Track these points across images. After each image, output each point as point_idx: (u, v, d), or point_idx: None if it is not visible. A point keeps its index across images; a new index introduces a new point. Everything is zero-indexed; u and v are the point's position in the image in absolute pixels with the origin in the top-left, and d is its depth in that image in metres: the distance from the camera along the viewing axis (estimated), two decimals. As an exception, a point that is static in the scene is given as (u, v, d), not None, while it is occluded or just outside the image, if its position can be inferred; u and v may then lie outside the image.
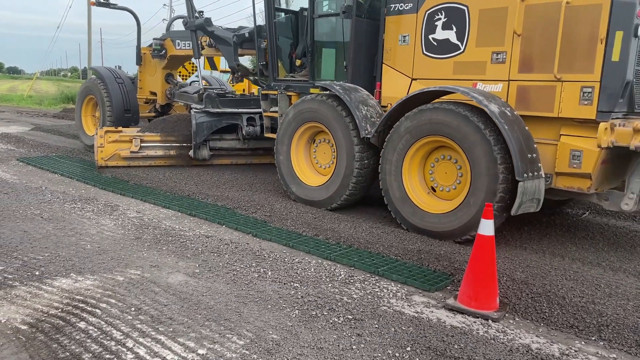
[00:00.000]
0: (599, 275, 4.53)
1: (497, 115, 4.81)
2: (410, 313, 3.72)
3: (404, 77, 6.11)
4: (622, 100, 4.82)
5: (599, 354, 3.31)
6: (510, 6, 5.19)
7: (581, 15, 4.82)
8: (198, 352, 3.04)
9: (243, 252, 4.85)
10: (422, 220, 5.44)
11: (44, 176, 7.98)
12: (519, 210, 4.81)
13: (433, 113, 5.31)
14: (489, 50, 5.40)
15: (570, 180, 5.04)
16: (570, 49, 4.90)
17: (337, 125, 6.21)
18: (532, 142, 4.95)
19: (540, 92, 5.09)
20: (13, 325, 3.30)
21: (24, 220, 5.51)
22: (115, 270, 4.26)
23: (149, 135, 8.65)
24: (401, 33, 6.09)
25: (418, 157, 5.61)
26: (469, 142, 5.03)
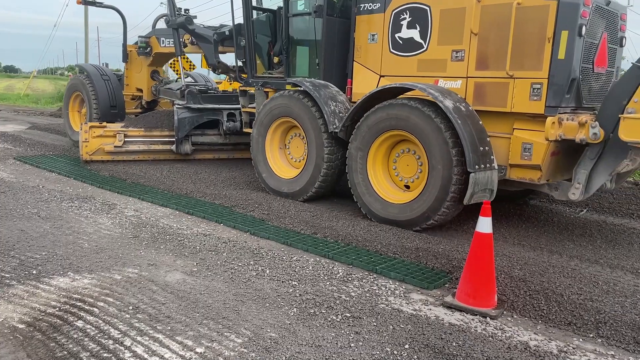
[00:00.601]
0: (596, 272, 4.54)
1: (451, 111, 5.09)
2: (408, 311, 3.72)
3: (373, 74, 6.35)
4: (568, 95, 5.06)
5: (596, 350, 3.31)
6: (468, 7, 5.46)
7: (530, 16, 5.09)
8: (196, 351, 3.04)
9: (241, 250, 4.84)
10: (386, 210, 5.71)
11: (41, 175, 7.95)
12: (471, 200, 5.09)
13: (393, 109, 5.59)
14: (449, 49, 5.67)
15: (523, 171, 5.31)
16: (521, 48, 5.16)
17: (307, 120, 6.47)
18: (485, 135, 5.23)
19: (494, 89, 5.36)
20: (10, 324, 3.29)
21: (21, 219, 5.50)
22: (113, 269, 4.25)
23: (132, 131, 8.84)
24: (370, 32, 6.32)
25: (382, 150, 5.88)
26: (426, 135, 5.31)
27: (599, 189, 5.56)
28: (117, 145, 8.66)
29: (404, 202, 5.60)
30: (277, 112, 6.88)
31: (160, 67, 11.06)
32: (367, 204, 5.89)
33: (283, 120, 6.89)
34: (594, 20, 5.21)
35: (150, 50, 10.43)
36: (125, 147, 8.74)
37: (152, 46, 10.38)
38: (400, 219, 5.57)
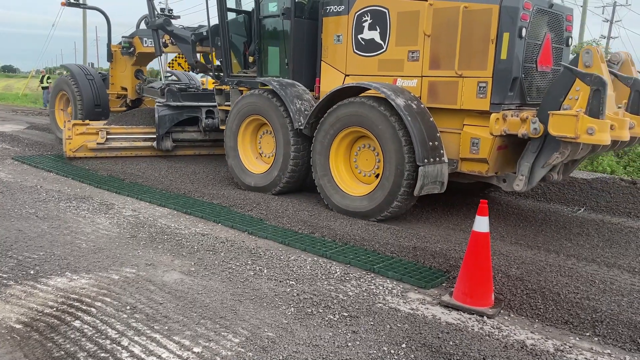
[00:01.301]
0: (593, 271, 4.55)
1: (402, 108, 5.43)
2: (405, 310, 3.73)
3: (338, 73, 6.64)
4: (512, 93, 5.39)
5: (593, 349, 3.32)
6: (421, 9, 5.77)
7: (476, 19, 5.41)
8: (193, 350, 3.04)
9: (239, 250, 4.85)
10: (345, 201, 6.06)
11: (39, 175, 7.95)
12: (421, 192, 5.44)
13: (351, 107, 5.93)
14: (405, 49, 5.98)
15: (472, 164, 5.65)
16: (468, 49, 5.49)
17: (275, 118, 6.75)
18: (435, 131, 5.56)
19: (445, 87, 5.69)
20: (7, 324, 3.29)
21: (18, 219, 5.50)
22: (111, 269, 4.25)
23: (114, 128, 9.17)
24: (336, 33, 6.62)
25: (343, 146, 6.22)
26: (380, 132, 5.65)
27: (548, 181, 5.97)
28: (100, 143, 8.94)
29: (363, 195, 5.93)
30: (247, 110, 7.15)
31: (143, 66, 11.42)
32: (330, 196, 6.21)
33: (253, 118, 7.15)
34: (536, 22, 5.50)
35: (134, 50, 10.74)
36: (107, 144, 9.02)
37: (135, 46, 10.69)
38: (359, 211, 5.89)
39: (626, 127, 4.88)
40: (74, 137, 8.79)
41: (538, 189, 7.71)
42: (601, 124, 4.65)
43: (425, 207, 6.71)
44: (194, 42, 9.04)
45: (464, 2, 5.44)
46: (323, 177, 6.27)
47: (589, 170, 9.28)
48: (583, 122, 4.67)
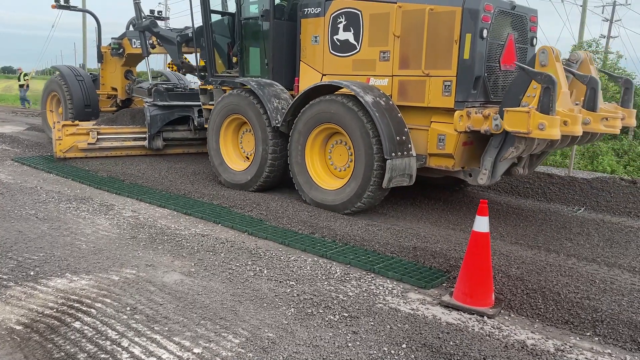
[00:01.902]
0: (594, 271, 4.55)
1: (370, 105, 5.70)
2: (405, 310, 3.73)
3: (316, 72, 6.87)
4: (475, 91, 5.63)
5: (593, 349, 3.32)
6: (391, 12, 6.01)
7: (441, 20, 5.66)
8: (194, 351, 3.04)
9: (239, 250, 4.85)
10: (321, 195, 6.32)
11: (39, 176, 7.95)
12: (390, 184, 5.70)
13: (324, 104, 6.19)
14: (377, 50, 6.22)
15: (439, 159, 5.90)
16: (434, 49, 5.73)
17: (253, 116, 6.97)
18: (403, 127, 5.82)
19: (414, 86, 5.94)
20: (8, 325, 3.29)
21: (18, 220, 5.50)
22: (111, 270, 4.25)
23: (104, 128, 9.31)
24: (313, 34, 6.85)
25: (318, 142, 6.47)
26: (351, 127, 5.92)
27: (515, 175, 6.34)
28: (91, 143, 9.06)
29: (336, 189, 6.20)
30: (228, 110, 7.36)
31: (133, 67, 11.60)
32: (306, 191, 6.46)
33: (234, 117, 7.35)
34: (498, 23, 5.74)
35: (123, 51, 10.98)
36: (98, 144, 9.16)
37: (124, 47, 10.93)
38: (333, 204, 6.15)
39: (578, 122, 5.09)
40: (64, 138, 8.89)
41: (538, 188, 7.71)
42: (551, 119, 4.87)
43: (425, 207, 6.71)
44: (179, 43, 9.27)
45: (429, 4, 5.70)
46: (299, 172, 6.53)
47: (589, 170, 9.28)
48: (534, 118, 4.90)
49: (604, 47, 23.74)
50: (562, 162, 9.41)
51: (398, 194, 7.37)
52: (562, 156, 9.64)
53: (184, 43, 9.25)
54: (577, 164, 9.37)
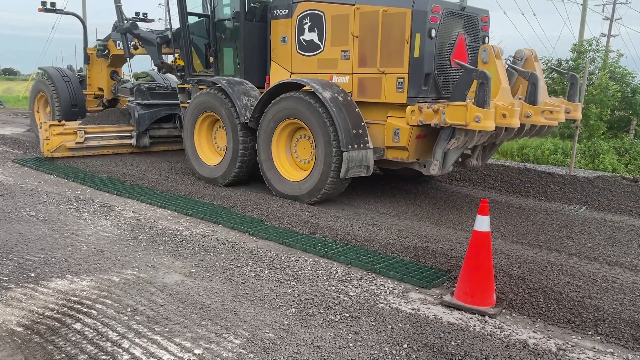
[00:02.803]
0: (595, 269, 4.54)
1: (328, 100, 6.07)
2: (407, 310, 3.72)
3: (285, 71, 7.21)
4: (426, 87, 6.03)
5: (595, 348, 3.31)
6: (350, 13, 6.37)
7: (393, 21, 6.01)
8: (194, 352, 3.04)
9: (239, 251, 4.84)
10: (287, 187, 6.68)
11: (40, 177, 7.95)
12: (347, 175, 6.09)
13: (287, 101, 6.54)
14: (339, 49, 6.59)
15: (395, 152, 6.29)
16: (388, 48, 6.09)
17: (224, 113, 7.29)
18: (360, 121, 6.21)
19: (371, 83, 6.31)
20: (8, 327, 3.29)
21: (19, 222, 5.49)
22: (111, 271, 4.25)
23: (91, 127, 9.55)
24: (282, 35, 7.20)
25: (283, 136, 6.82)
26: (312, 122, 6.27)
27: (468, 166, 6.76)
28: (79, 142, 9.30)
29: (300, 180, 6.56)
30: (201, 107, 7.70)
31: (118, 67, 11.86)
32: (273, 182, 6.82)
33: (207, 114, 7.71)
34: (447, 24, 6.12)
35: (108, 52, 11.30)
36: (86, 143, 9.40)
37: (109, 49, 11.25)
38: (297, 194, 6.53)
39: (516, 115, 5.46)
40: (51, 138, 9.06)
41: (539, 187, 7.69)
42: (486, 112, 5.26)
43: (426, 207, 6.70)
44: (159, 44, 9.53)
45: (383, 6, 6.06)
46: (267, 165, 6.88)
47: (590, 168, 9.26)
48: (471, 112, 5.29)
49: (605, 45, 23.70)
50: (563, 161, 9.39)
51: (398, 193, 7.36)
52: (563, 155, 9.61)
53: (164, 44, 9.51)
54: (578, 163, 9.35)
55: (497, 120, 5.43)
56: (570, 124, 11.17)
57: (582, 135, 10.89)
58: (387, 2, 6.07)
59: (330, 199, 6.55)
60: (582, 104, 6.53)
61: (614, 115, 12.67)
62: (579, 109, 6.52)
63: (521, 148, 10.22)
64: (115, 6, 10.14)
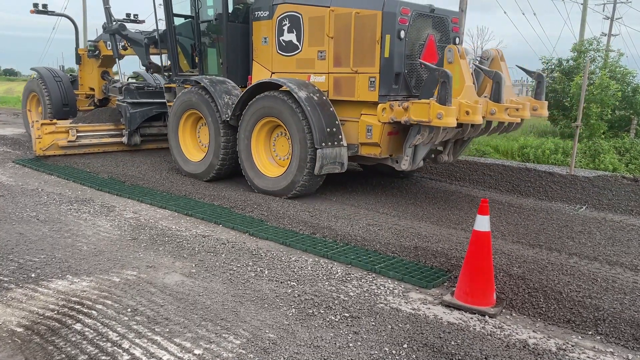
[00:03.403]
0: (595, 269, 4.54)
1: (303, 100, 6.31)
2: (407, 310, 3.72)
3: (266, 71, 7.46)
4: (396, 86, 6.30)
5: (595, 348, 3.31)
6: (326, 15, 6.61)
7: (365, 23, 6.26)
8: (194, 353, 3.04)
9: (240, 251, 4.84)
10: (265, 182, 6.92)
11: (40, 178, 7.96)
12: (322, 171, 6.34)
13: (265, 100, 6.77)
14: (315, 50, 6.82)
15: (368, 148, 6.54)
16: (360, 48, 6.34)
17: (207, 111, 7.54)
18: (334, 120, 6.46)
19: (345, 82, 6.57)
20: (8, 327, 3.29)
21: (19, 223, 5.50)
22: (112, 272, 4.25)
23: (83, 126, 9.75)
24: (263, 35, 7.44)
25: (262, 134, 7.07)
26: (289, 120, 6.51)
27: (440, 162, 7.06)
28: (71, 140, 9.45)
29: (278, 176, 6.79)
30: (185, 106, 7.95)
31: (109, 67, 12.02)
32: (252, 178, 7.06)
33: (191, 112, 7.94)
34: (417, 25, 6.37)
35: (99, 53, 11.54)
36: (78, 142, 9.56)
37: (100, 49, 11.49)
38: (275, 189, 6.77)
39: (478, 112, 5.69)
40: (43, 137, 9.19)
41: (539, 187, 7.69)
42: (447, 109, 5.54)
43: (426, 206, 6.70)
44: (147, 45, 9.78)
45: (356, 8, 6.31)
46: (247, 162, 7.11)
47: (591, 168, 9.25)
48: (434, 109, 5.59)
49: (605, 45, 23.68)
50: (563, 161, 9.38)
51: (399, 193, 7.36)
52: (563, 154, 9.60)
53: (151, 45, 9.72)
54: (579, 163, 9.34)
55: (461, 117, 5.71)
56: (571, 123, 11.17)
57: (582, 135, 10.87)
58: (359, 5, 6.32)
59: (306, 194, 6.77)
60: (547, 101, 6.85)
61: (615, 115, 12.65)
62: (545, 107, 6.70)
63: (522, 148, 10.21)
64: (104, 8, 10.42)
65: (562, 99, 13.08)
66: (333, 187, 7.57)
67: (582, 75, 8.54)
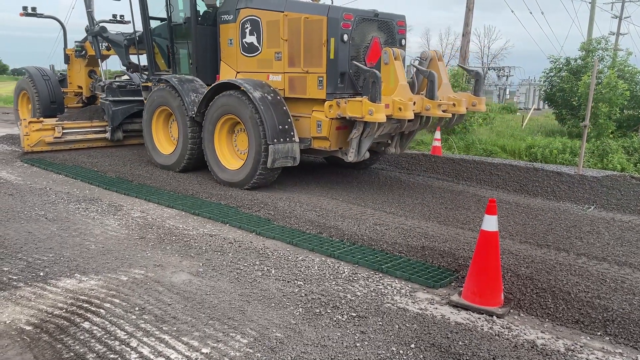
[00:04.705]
0: (604, 269, 4.51)
1: (257, 99, 6.85)
2: (414, 310, 3.71)
3: (232, 70, 7.93)
4: (342, 85, 6.80)
5: (604, 349, 3.29)
6: (280, 19, 7.11)
7: (313, 27, 6.75)
8: (202, 351, 3.05)
9: (247, 250, 4.85)
10: (227, 174, 7.42)
11: (48, 177, 8.00)
12: (274, 165, 6.82)
13: (225, 99, 7.32)
14: (272, 51, 7.31)
15: (319, 142, 7.07)
16: (310, 50, 6.83)
17: (176, 108, 8.14)
18: (286, 117, 6.97)
19: (298, 81, 7.05)
20: (18, 326, 3.31)
21: (28, 221, 5.53)
22: (119, 270, 4.27)
23: (68, 123, 10.25)
24: (229, 37, 7.91)
25: (224, 130, 7.57)
26: (246, 118, 7.03)
27: (387, 153, 7.78)
28: (57, 137, 9.96)
29: (237, 169, 7.32)
30: (157, 103, 8.55)
31: (96, 67, 12.38)
32: (215, 170, 7.57)
33: (162, 109, 8.53)
34: (361, 29, 6.86)
35: (85, 53, 12.05)
36: (64, 138, 10.08)
37: (86, 49, 11.98)
38: (235, 181, 7.28)
39: (409, 109, 6.24)
40: (31, 134, 9.69)
41: (547, 187, 7.65)
42: (377, 106, 6.09)
43: (434, 206, 6.68)
44: (126, 46, 10.36)
45: (306, 13, 6.84)
46: (210, 155, 7.62)
47: (599, 168, 9.20)
48: (365, 106, 6.15)
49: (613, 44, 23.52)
50: (571, 160, 9.33)
51: (406, 193, 7.35)
52: (571, 154, 9.55)
53: (130, 46, 10.29)
54: (587, 162, 9.29)
55: (395, 113, 6.31)
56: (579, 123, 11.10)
57: (590, 135, 10.81)
58: (308, 10, 6.89)
59: (262, 186, 7.23)
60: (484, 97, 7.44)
61: (623, 114, 12.57)
62: (483, 103, 7.27)
63: (529, 147, 10.17)
64: (86, 12, 11.08)
65: (569, 98, 13.01)
66: (339, 187, 7.57)
67: (591, 74, 8.48)
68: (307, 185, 7.64)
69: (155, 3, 8.94)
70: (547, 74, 14.61)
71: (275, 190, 7.23)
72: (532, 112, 21.64)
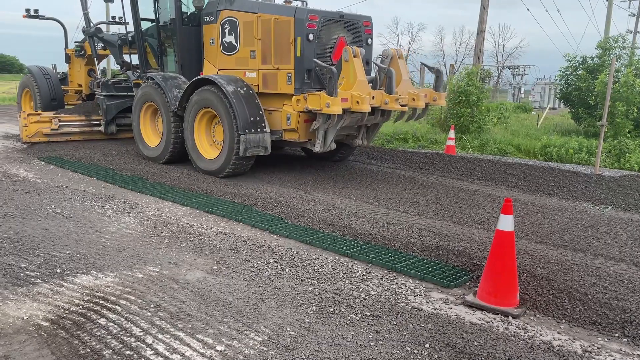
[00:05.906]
0: (622, 270, 4.44)
1: (230, 93, 7.46)
2: (428, 310, 3.69)
3: (214, 68, 8.50)
4: (309, 81, 7.35)
5: (622, 350, 3.24)
6: (254, 20, 7.68)
7: (282, 27, 7.34)
8: (216, 349, 3.06)
9: (260, 249, 4.86)
10: (205, 164, 8.07)
11: (65, 175, 8.09)
12: (246, 153, 7.42)
13: (202, 94, 7.95)
14: (248, 50, 7.90)
15: (289, 134, 7.65)
16: (280, 49, 7.41)
17: (160, 103, 8.74)
18: (258, 110, 7.57)
19: (270, 77, 7.66)
20: (35, 322, 3.35)
21: (45, 219, 5.60)
22: (135, 268, 4.30)
23: (64, 116, 11.00)
24: (211, 37, 8.47)
25: (203, 122, 8.21)
26: (220, 111, 7.64)
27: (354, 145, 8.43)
28: (54, 129, 10.71)
29: (214, 158, 7.95)
30: (144, 98, 9.15)
31: (94, 66, 12.88)
32: (195, 160, 8.22)
33: (149, 104, 9.13)
34: (326, 29, 7.39)
35: (85, 52, 12.69)
36: (60, 130, 10.83)
37: (85, 49, 12.60)
38: (212, 170, 7.92)
39: (366, 102, 6.69)
40: (29, 125, 10.42)
41: (563, 186, 7.57)
42: (333, 100, 6.61)
43: (448, 205, 6.64)
44: (120, 46, 11.00)
45: (276, 15, 7.37)
46: (190, 146, 8.25)
47: (616, 167, 9.07)
48: (323, 99, 6.67)
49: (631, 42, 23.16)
50: (587, 160, 9.21)
51: (419, 192, 7.31)
52: (588, 154, 9.43)
53: (124, 45, 10.86)
54: (604, 162, 9.16)
55: (353, 106, 6.76)
56: (596, 122, 10.95)
57: (607, 134, 10.67)
58: (278, 12, 7.42)
59: (237, 175, 7.84)
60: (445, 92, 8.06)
61: (641, 113, 12.37)
62: (443, 98, 7.92)
63: (544, 147, 10.06)
64: (83, 14, 11.65)
65: (586, 97, 12.85)
66: (353, 186, 7.56)
67: (608, 72, 8.37)
68: (320, 184, 7.64)
69: (145, 5, 9.50)
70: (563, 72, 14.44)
71: (288, 188, 7.24)
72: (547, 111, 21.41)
